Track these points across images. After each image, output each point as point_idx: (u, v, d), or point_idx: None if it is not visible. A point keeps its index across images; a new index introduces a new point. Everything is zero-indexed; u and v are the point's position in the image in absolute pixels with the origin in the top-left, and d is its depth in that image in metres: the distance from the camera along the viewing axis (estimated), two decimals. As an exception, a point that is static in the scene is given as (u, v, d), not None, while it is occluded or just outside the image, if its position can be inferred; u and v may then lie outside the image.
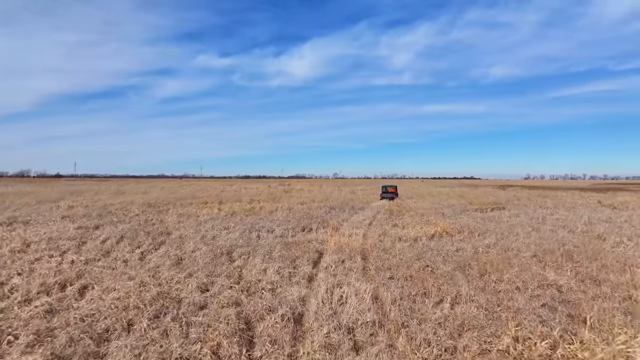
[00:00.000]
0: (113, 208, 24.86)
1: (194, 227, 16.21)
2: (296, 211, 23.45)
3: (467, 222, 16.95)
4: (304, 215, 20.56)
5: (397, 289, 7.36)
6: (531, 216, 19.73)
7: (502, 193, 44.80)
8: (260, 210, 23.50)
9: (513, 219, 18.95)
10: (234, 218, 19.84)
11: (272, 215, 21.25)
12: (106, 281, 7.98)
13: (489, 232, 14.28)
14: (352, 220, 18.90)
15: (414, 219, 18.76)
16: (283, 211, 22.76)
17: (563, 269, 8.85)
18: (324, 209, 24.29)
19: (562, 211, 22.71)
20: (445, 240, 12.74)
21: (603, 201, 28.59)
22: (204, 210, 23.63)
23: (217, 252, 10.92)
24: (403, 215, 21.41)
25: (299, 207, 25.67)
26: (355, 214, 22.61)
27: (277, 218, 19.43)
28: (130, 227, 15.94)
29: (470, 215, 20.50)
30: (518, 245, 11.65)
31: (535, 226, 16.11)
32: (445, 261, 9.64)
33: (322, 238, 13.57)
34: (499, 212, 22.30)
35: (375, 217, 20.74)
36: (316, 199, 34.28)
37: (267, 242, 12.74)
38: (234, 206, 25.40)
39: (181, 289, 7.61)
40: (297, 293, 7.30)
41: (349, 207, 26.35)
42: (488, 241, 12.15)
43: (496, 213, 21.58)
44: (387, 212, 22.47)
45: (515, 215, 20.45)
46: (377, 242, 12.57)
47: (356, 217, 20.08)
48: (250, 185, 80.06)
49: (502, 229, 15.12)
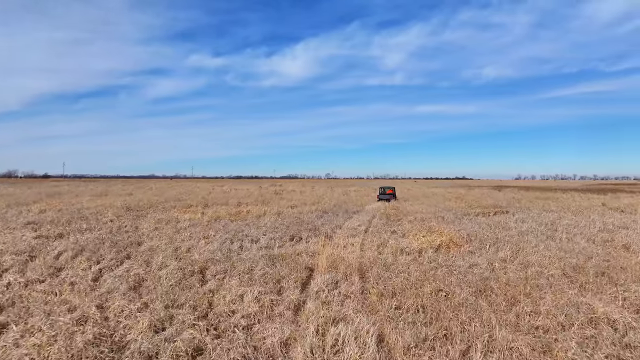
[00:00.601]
0: (88, 212, 22.97)
1: (169, 236, 14.45)
2: (286, 216, 21.78)
3: (472, 229, 15.40)
4: (294, 221, 18.88)
5: (409, 328, 5.72)
6: (539, 221, 18.26)
7: (500, 195, 43.52)
8: (247, 215, 21.78)
9: (521, 224, 17.48)
10: (217, 224, 18.11)
11: (259, 220, 19.55)
12: (36, 316, 6.24)
13: (500, 241, 12.73)
14: (346, 227, 17.27)
15: (414, 225, 17.19)
16: (272, 216, 21.05)
17: (605, 293, 7.30)
18: (316, 213, 22.64)
19: (570, 215, 21.32)
20: (453, 253, 11.16)
21: (608, 204, 27.33)
22: (187, 214, 21.86)
23: (188, 270, 9.19)
24: (401, 220, 19.84)
25: (289, 211, 23.98)
26: (349, 218, 21.00)
27: (264, 224, 17.73)
28: (97, 237, 14.13)
29: (473, 221, 18.99)
30: (538, 259, 10.10)
31: (548, 234, 14.62)
32: (461, 282, 8.04)
33: (314, 249, 11.92)
34: (503, 216, 20.84)
35: (371, 222, 19.15)
36: (308, 202, 32.63)
37: (249, 255, 11.05)
38: (220, 210, 23.63)
39: (130, 326, 5.91)
40: (278, 334, 5.63)
41: (342, 211, 24.74)
42: (503, 254, 10.58)
43: (501, 218, 20.10)
44: (384, 217, 20.89)
45: (522, 220, 18.98)
46: (376, 255, 10.95)
47: (351, 223, 18.46)
48: (241, 186, 78.11)
49: (514, 237, 13.59)
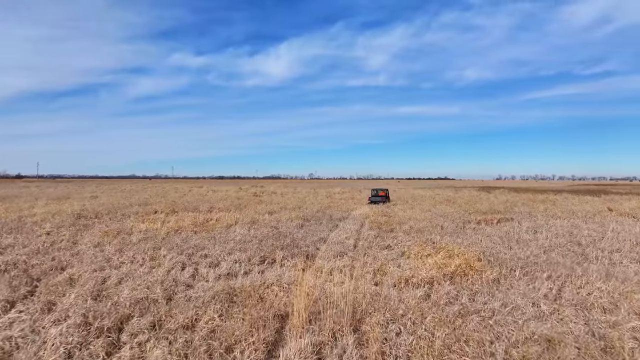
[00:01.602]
0: (31, 220, 19.54)
1: (106, 258, 11.33)
2: (261, 225, 18.82)
3: (484, 245, 12.75)
4: (269, 233, 15.92)
5: None
6: (555, 232, 15.79)
7: (491, 197, 41.41)
8: (216, 224, 18.71)
9: (535, 236, 14.96)
10: (177, 237, 15.03)
11: (228, 232, 16.54)
12: None
13: (526, 263, 10.08)
14: (331, 239, 14.43)
15: (411, 238, 14.46)
16: (244, 226, 18.03)
17: None
18: (296, 222, 19.72)
19: (581, 222, 18.98)
20: (474, 283, 8.43)
21: (614, 208, 25.27)
22: (145, 223, 18.66)
23: (98, 325, 6.16)
24: (394, 230, 17.12)
25: (266, 218, 20.97)
26: (334, 227, 18.18)
27: (232, 238, 14.72)
28: (10, 260, 10.89)
29: (478, 231, 16.40)
30: (597, 297, 7.42)
31: (577, 250, 12.08)
32: (507, 348, 5.26)
33: (289, 278, 9.02)
34: (508, 225, 18.35)
35: (360, 233, 16.38)
36: (288, 206, 29.68)
37: (201, 291, 8.07)
38: (186, 218, 20.46)
39: None
40: None
41: (326, 218, 21.90)
42: (544, 289, 7.88)
43: (507, 226, 17.58)
44: (375, 226, 18.13)
45: (533, 230, 16.49)
46: (373, 288, 8.13)
47: (336, 234, 15.61)
48: (221, 187, 74.50)
49: (539, 256, 10.96)
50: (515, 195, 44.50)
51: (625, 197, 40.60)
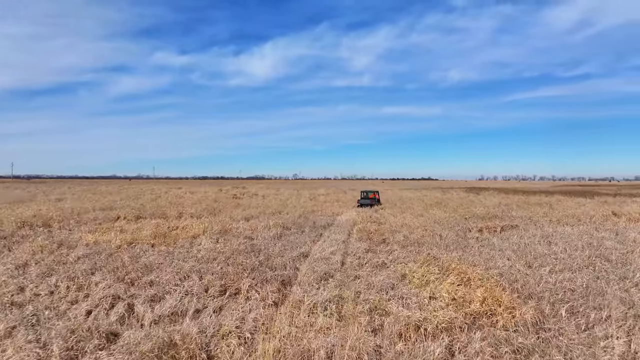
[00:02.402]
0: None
1: (18, 287, 8.68)
2: (234, 234, 16.31)
3: (500, 263, 10.48)
4: (240, 246, 13.41)
5: None
6: (571, 243, 13.70)
7: (483, 200, 39.66)
8: (181, 234, 16.12)
9: (552, 248, 12.86)
10: (128, 253, 12.41)
11: (192, 244, 14.01)
12: None
13: (567, 294, 7.85)
14: (314, 256, 12.02)
15: (409, 253, 12.18)
16: (213, 236, 15.47)
17: None
18: (275, 230, 17.25)
19: (592, 230, 17.03)
20: (507, 327, 6.14)
21: (617, 212, 23.55)
22: (96, 234, 15.95)
23: None
24: (387, 241, 14.83)
25: (240, 226, 18.42)
26: (318, 237, 15.79)
27: (194, 254, 12.18)
28: None
29: (484, 242, 14.24)
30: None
31: (611, 269, 9.94)
32: None
33: (255, 321, 6.59)
34: (515, 233, 16.26)
35: (348, 245, 14.02)
36: (268, 210, 27.18)
37: (125, 349, 5.58)
38: (147, 227, 17.76)
39: None
40: None
41: (309, 225, 19.49)
42: (616, 344, 5.60)
43: (515, 236, 15.47)
44: (364, 235, 15.79)
45: (547, 240, 14.39)
46: (371, 342, 5.75)
47: (320, 249, 13.19)
48: (201, 188, 71.31)
49: (576, 282, 8.74)
50: (506, 197, 42.90)
51: (619, 199, 39.38)
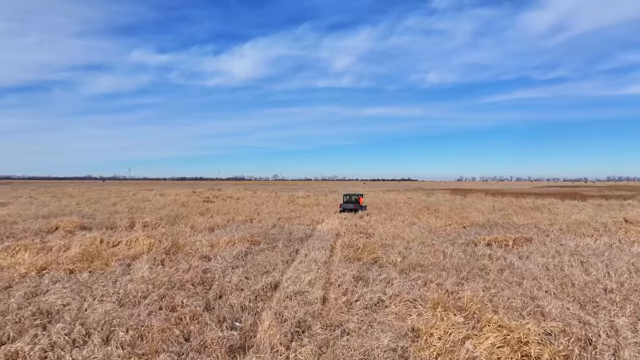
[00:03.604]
0: None
1: None
2: (187, 252, 12.99)
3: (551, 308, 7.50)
4: (185, 276, 10.08)
5: None
6: (615, 266, 10.90)
7: (473, 203, 37.19)
8: (119, 252, 12.68)
9: (586, 270, 10.03)
10: (28, 284, 8.97)
11: (128, 269, 10.63)
12: None
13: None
14: (283, 291, 8.80)
15: (411, 282, 9.14)
16: (158, 257, 12.08)
17: None
18: (240, 246, 13.95)
19: (617, 242, 14.42)
20: None
21: (630, 219, 21.20)
22: (6, 253, 12.34)
23: None
24: (380, 260, 11.79)
25: (199, 239, 15.06)
26: (293, 256, 12.61)
27: (118, 288, 8.79)
28: None
29: (503, 264, 11.31)
30: None
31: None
32: None
33: None
34: (531, 248, 13.44)
35: (330, 269, 10.89)
36: (239, 216, 23.82)
37: None
38: (80, 242, 14.19)
39: None
40: None
41: (283, 237, 16.30)
42: None
43: (535, 254, 12.64)
44: (351, 253, 12.64)
45: (576, 259, 11.56)
46: None
47: (293, 277, 9.95)
48: (173, 190, 67.04)
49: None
50: (496, 200, 40.64)
51: (612, 202, 37.53)
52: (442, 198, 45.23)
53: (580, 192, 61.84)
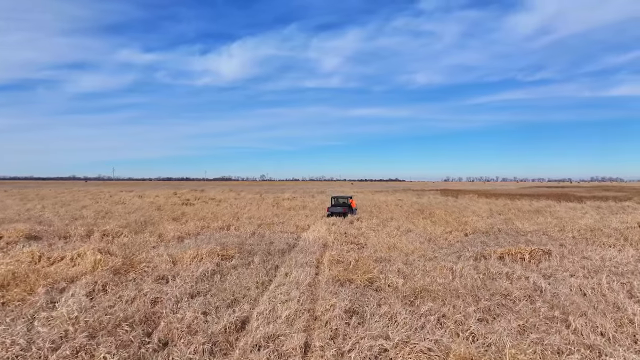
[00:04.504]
0: None
1: None
2: (141, 271, 10.64)
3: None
4: (124, 309, 7.74)
5: None
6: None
7: (467, 205, 35.35)
8: (57, 272, 10.28)
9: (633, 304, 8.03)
10: None
11: (59, 296, 8.26)
12: None
13: None
14: (252, 334, 6.55)
15: (420, 321, 6.99)
16: (103, 278, 9.68)
17: None
18: (210, 262, 11.62)
19: None
20: None
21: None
22: None
23: None
24: (377, 282, 9.63)
25: (161, 253, 12.68)
26: (271, 277, 10.36)
27: (21, 335, 6.43)
28: None
29: (526, 287, 9.23)
30: None
31: None
32: None
33: None
34: (552, 264, 11.42)
35: (315, 296, 8.69)
36: (217, 221, 21.42)
37: None
38: (9, 258, 11.72)
39: None
40: None
41: (262, 249, 14.04)
42: None
43: (560, 271, 10.62)
44: (341, 272, 10.43)
45: (617, 281, 9.53)
46: None
47: (268, 310, 7.69)
48: (155, 191, 64.04)
49: None
50: (491, 202, 38.92)
51: (613, 204, 36.11)
52: (433, 200, 43.40)
53: (571, 193, 60.82)
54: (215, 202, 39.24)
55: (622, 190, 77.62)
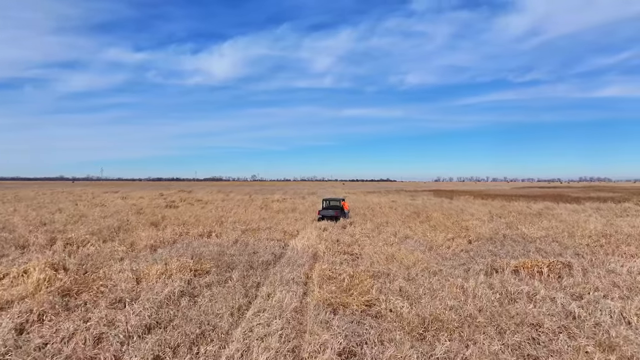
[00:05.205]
0: None
1: None
2: (97, 292, 8.92)
3: None
4: (56, 351, 6.05)
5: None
6: None
7: (465, 207, 33.99)
8: None
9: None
10: None
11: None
12: None
13: None
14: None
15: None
16: (42, 305, 7.93)
17: None
18: (179, 278, 9.92)
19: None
20: None
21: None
22: None
23: None
24: (375, 305, 8.03)
25: (119, 272, 10.93)
26: (250, 298, 8.70)
27: None
28: None
29: (555, 312, 7.70)
30: None
31: None
32: None
33: None
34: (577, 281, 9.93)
35: (300, 335, 7.07)
36: (198, 227, 19.66)
37: None
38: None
39: None
40: None
41: (244, 260, 12.37)
42: None
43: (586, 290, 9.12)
44: (334, 295, 8.81)
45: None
46: None
47: (242, 349, 6.08)
48: (140, 192, 61.91)
49: None
50: (487, 204, 37.65)
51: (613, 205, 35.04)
52: (428, 201, 42.02)
53: (566, 194, 60.03)
54: (202, 205, 37.36)
55: (614, 191, 77.28)
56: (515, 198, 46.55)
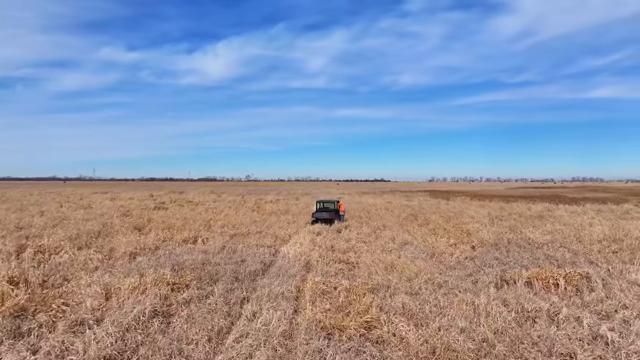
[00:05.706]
0: None
1: None
2: (53, 313, 7.76)
3: None
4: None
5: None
6: None
7: (464, 209, 33.09)
8: None
9: None
10: None
11: None
12: None
13: None
14: None
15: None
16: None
17: None
18: (153, 294, 8.78)
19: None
20: None
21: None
22: None
23: None
24: (375, 327, 6.97)
25: (87, 286, 9.78)
26: (230, 321, 7.61)
27: None
28: None
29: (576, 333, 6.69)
30: None
31: None
32: None
33: None
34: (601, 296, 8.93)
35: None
36: (183, 232, 18.48)
37: None
38: None
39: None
40: None
41: (229, 271, 11.24)
42: None
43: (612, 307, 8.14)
44: (328, 315, 7.74)
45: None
46: None
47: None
48: (130, 193, 60.43)
49: None
50: (485, 205, 36.82)
51: (614, 206, 34.32)
52: (424, 202, 41.09)
53: (562, 195, 59.49)
54: (192, 206, 36.11)
55: (607, 191, 77.11)
56: (512, 199, 45.79)
